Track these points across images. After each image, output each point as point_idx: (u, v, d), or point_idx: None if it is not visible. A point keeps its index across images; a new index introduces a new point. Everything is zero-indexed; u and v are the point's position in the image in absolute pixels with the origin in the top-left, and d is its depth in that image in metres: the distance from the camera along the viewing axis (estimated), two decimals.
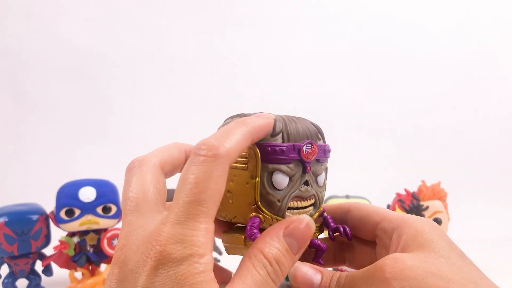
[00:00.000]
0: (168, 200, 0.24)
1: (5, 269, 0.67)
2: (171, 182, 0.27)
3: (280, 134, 0.27)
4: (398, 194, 0.74)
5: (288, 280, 0.27)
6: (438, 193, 0.72)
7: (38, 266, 0.69)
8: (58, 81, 1.30)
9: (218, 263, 0.29)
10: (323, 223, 0.31)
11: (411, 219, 0.26)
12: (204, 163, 0.21)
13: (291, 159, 0.26)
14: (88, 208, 0.65)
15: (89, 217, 0.65)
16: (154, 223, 0.20)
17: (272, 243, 0.22)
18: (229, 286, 0.20)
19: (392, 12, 1.35)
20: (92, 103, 1.31)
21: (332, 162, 0.31)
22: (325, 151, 0.29)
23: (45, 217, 0.67)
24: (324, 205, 0.30)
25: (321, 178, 0.29)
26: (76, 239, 0.68)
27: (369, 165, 1.25)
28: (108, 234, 0.67)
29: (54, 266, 0.69)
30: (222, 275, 0.29)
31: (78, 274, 0.69)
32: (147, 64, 1.33)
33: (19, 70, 1.29)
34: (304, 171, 0.27)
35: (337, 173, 0.33)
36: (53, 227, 0.68)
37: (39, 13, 1.29)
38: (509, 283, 0.42)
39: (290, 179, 0.27)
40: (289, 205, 0.27)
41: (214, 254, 0.73)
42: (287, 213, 0.27)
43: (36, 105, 1.29)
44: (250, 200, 0.27)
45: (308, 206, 0.28)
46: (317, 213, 0.29)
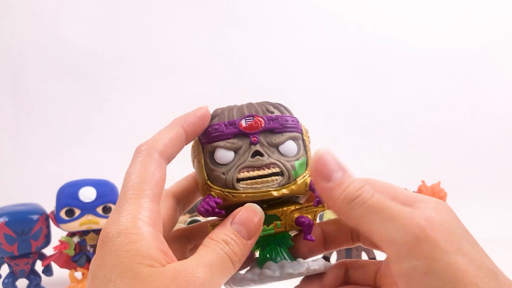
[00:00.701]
0: None
1: (5, 269, 0.67)
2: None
3: (217, 117, 0.29)
4: None
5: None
6: (438, 193, 0.72)
7: (38, 266, 0.69)
8: (58, 81, 1.30)
9: None
10: (316, 195, 0.29)
11: (432, 201, 0.25)
12: (133, 157, 0.26)
13: (229, 134, 0.28)
14: (88, 208, 0.65)
15: (89, 217, 0.65)
16: None
17: (219, 231, 0.25)
18: (187, 260, 0.22)
19: (392, 12, 1.35)
20: (92, 103, 1.31)
21: None
22: (282, 122, 0.29)
23: (45, 217, 0.67)
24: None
25: (286, 148, 0.29)
26: (76, 239, 0.68)
27: (369, 165, 1.25)
28: None
29: (54, 266, 0.69)
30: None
31: (78, 274, 0.69)
32: (148, 64, 1.33)
33: (19, 70, 1.29)
34: (251, 142, 0.28)
35: None
36: (53, 227, 0.68)
37: (39, 13, 1.29)
38: None
39: (236, 153, 0.28)
40: (238, 176, 0.28)
41: None
42: (240, 185, 0.28)
43: (36, 105, 1.29)
44: (202, 181, 0.29)
45: (268, 175, 0.28)
46: (292, 184, 0.28)
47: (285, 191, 0.28)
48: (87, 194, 0.66)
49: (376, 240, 0.23)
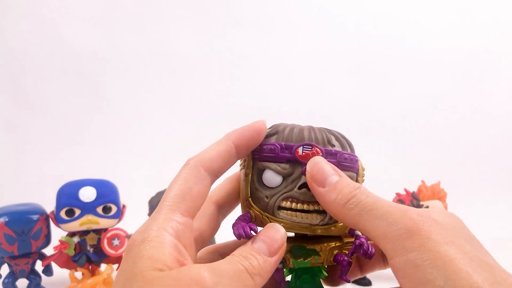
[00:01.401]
0: None
1: (5, 269, 0.67)
2: None
3: (275, 135, 0.28)
4: (398, 194, 0.75)
5: None
6: (438, 193, 0.72)
7: (38, 266, 0.69)
8: (58, 81, 1.30)
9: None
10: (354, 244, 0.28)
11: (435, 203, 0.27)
12: (180, 170, 0.26)
13: (282, 157, 0.27)
14: (88, 208, 0.65)
15: (89, 217, 0.65)
16: None
17: (241, 248, 0.25)
18: (197, 264, 0.23)
19: (392, 12, 1.35)
20: (92, 103, 1.31)
21: None
22: (340, 159, 0.27)
23: (45, 217, 0.67)
24: None
25: None
26: (76, 239, 0.68)
27: (369, 165, 1.25)
28: (108, 234, 0.67)
29: (54, 266, 0.69)
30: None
31: (78, 274, 0.69)
32: (148, 65, 1.33)
33: (19, 70, 1.29)
34: (303, 173, 0.27)
35: None
36: (53, 227, 0.68)
37: (39, 13, 1.29)
38: None
39: (284, 179, 0.27)
40: (280, 204, 0.27)
41: None
42: (280, 213, 0.27)
43: (36, 105, 1.29)
44: (244, 196, 0.28)
45: (310, 211, 0.27)
46: (332, 226, 0.28)
47: (321, 232, 0.27)
48: (87, 194, 0.66)
49: (373, 237, 0.23)
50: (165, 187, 0.28)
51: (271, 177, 0.27)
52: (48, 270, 0.70)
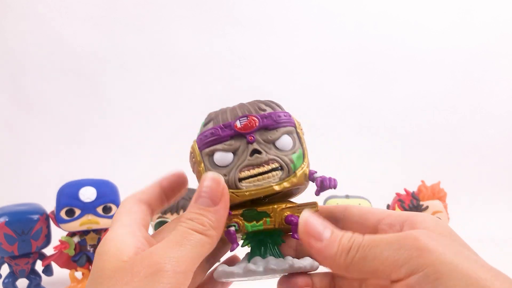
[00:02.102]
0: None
1: (5, 269, 0.67)
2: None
3: (211, 122, 0.30)
4: (398, 194, 0.75)
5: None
6: (437, 193, 0.72)
7: (39, 266, 0.69)
8: (58, 81, 1.30)
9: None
10: (317, 184, 0.30)
11: (421, 214, 0.27)
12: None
13: (225, 136, 0.29)
14: (88, 208, 0.65)
15: (89, 217, 0.65)
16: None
17: (187, 212, 0.26)
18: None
19: (392, 12, 1.35)
20: (92, 103, 1.31)
21: (332, 161, 0.31)
22: (275, 118, 0.30)
23: (45, 217, 0.67)
24: (321, 206, 0.30)
25: (281, 143, 0.29)
26: (76, 239, 0.68)
27: (369, 165, 1.25)
28: None
29: (54, 266, 0.69)
30: None
31: (78, 274, 0.69)
32: (147, 65, 1.33)
33: (19, 70, 1.29)
34: (248, 142, 0.29)
35: (337, 173, 0.32)
36: (53, 227, 0.68)
37: (39, 13, 1.29)
38: None
39: (235, 154, 0.29)
40: (240, 176, 0.28)
41: None
42: (243, 184, 0.28)
43: (36, 105, 1.29)
44: None
45: (269, 171, 0.28)
46: (292, 177, 0.29)
47: (286, 184, 0.28)
48: (87, 194, 0.66)
49: (382, 271, 0.23)
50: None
51: (222, 157, 0.29)
52: (48, 270, 0.70)
